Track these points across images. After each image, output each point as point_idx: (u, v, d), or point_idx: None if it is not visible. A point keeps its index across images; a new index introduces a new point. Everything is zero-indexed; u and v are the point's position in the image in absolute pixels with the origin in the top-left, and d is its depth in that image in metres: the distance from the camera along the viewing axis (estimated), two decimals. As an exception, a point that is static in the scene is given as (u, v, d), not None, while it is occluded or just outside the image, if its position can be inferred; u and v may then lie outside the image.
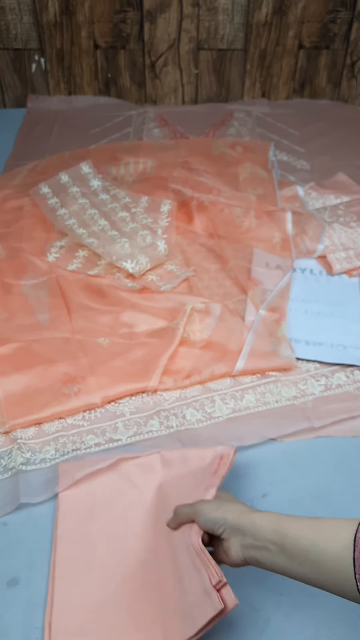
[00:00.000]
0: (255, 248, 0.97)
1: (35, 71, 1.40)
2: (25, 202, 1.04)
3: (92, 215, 0.98)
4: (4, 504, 0.65)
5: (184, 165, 1.12)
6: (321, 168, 1.21)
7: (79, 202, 1.01)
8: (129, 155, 1.16)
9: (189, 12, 1.32)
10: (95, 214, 0.99)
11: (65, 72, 1.41)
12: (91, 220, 0.97)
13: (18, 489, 0.65)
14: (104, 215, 0.99)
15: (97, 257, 0.93)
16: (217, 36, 1.36)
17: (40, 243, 0.96)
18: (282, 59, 1.39)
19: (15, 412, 0.69)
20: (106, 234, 0.94)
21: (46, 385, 0.72)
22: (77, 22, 1.33)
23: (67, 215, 0.98)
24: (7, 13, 1.31)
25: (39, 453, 0.68)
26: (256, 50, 1.38)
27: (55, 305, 0.84)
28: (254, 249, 0.96)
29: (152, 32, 1.34)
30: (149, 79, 1.42)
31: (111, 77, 1.42)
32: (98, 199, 1.03)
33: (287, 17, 1.32)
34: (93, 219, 0.98)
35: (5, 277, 0.89)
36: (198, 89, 1.44)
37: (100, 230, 0.95)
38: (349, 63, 1.41)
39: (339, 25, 1.34)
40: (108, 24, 1.33)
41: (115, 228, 0.96)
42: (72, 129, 1.35)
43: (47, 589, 0.59)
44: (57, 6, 1.30)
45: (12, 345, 0.77)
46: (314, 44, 1.37)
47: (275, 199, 1.04)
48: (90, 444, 0.69)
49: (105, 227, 0.96)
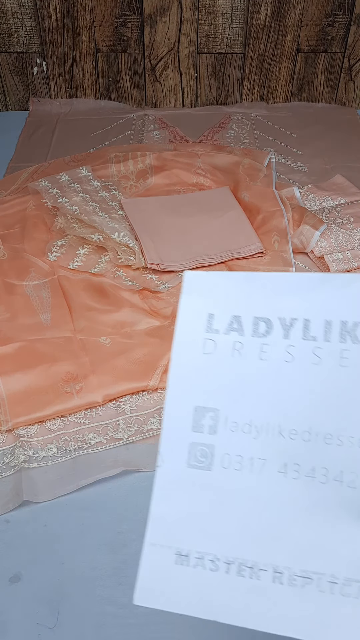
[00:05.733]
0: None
1: (36, 74, 1.41)
2: (27, 204, 1.05)
3: (94, 208, 1.00)
4: (6, 501, 0.66)
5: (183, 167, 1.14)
6: (319, 170, 1.23)
7: (80, 195, 1.02)
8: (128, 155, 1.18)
9: (188, 16, 1.33)
10: (96, 207, 1.00)
11: (67, 76, 1.42)
12: (93, 211, 0.99)
13: (21, 487, 0.66)
14: (104, 210, 1.00)
15: (98, 256, 0.94)
16: (216, 40, 1.37)
17: (42, 243, 0.97)
18: (281, 63, 1.41)
19: (17, 411, 0.70)
20: (108, 225, 0.96)
21: (48, 384, 0.73)
22: (78, 26, 1.34)
23: (68, 204, 0.99)
24: (9, 17, 1.33)
25: (41, 451, 0.69)
26: (255, 53, 1.39)
27: (57, 305, 0.85)
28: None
29: (152, 36, 1.35)
30: (149, 83, 1.43)
31: (112, 80, 1.43)
32: (98, 195, 1.04)
33: (285, 20, 1.34)
34: (94, 210, 0.99)
35: (7, 277, 0.90)
36: (197, 92, 1.45)
37: (102, 219, 0.97)
38: (347, 66, 1.42)
39: (336, 29, 1.36)
40: (109, 28, 1.34)
41: (115, 222, 0.97)
42: (73, 132, 1.36)
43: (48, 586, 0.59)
44: (58, 10, 1.31)
45: (15, 345, 0.78)
46: (312, 47, 1.39)
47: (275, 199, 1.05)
48: (92, 443, 0.70)
49: (106, 219, 0.97)
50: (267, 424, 0.41)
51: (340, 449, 0.39)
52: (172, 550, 0.40)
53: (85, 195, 1.03)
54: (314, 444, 0.40)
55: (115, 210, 1.02)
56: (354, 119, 1.44)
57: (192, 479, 0.41)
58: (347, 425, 0.40)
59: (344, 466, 0.39)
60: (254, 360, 0.42)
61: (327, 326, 0.42)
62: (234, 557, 0.39)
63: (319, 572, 0.38)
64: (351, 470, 0.39)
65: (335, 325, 0.42)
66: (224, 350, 0.43)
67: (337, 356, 0.41)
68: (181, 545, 0.40)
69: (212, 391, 0.42)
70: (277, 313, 0.43)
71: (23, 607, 0.58)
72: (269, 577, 0.39)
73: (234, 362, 0.43)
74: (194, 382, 0.43)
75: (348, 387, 0.40)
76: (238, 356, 0.43)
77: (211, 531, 0.40)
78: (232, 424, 0.41)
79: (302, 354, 0.41)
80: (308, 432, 0.40)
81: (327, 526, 0.39)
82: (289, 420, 0.41)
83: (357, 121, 1.43)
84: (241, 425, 0.41)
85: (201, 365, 0.43)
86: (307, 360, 0.41)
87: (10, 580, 0.60)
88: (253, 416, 0.41)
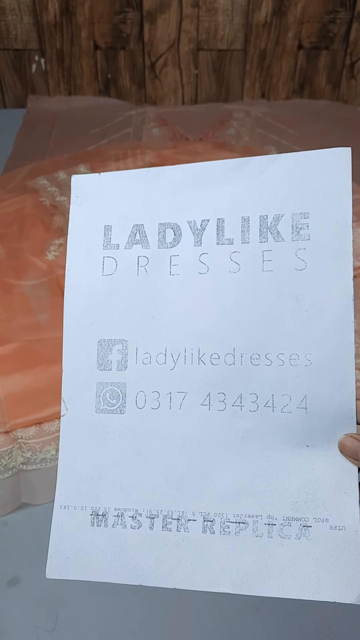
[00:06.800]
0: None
1: (35, 72, 1.40)
2: (25, 203, 1.04)
3: None
4: (4, 504, 0.65)
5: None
6: (321, 168, 1.22)
7: None
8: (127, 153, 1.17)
9: (188, 13, 1.32)
10: None
11: (65, 73, 1.41)
12: None
13: (19, 489, 0.66)
14: None
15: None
16: (216, 37, 1.36)
17: (40, 242, 0.96)
18: (282, 60, 1.40)
19: (15, 412, 0.70)
20: None
21: (47, 385, 0.72)
22: (77, 23, 1.33)
23: (66, 202, 0.99)
24: (7, 13, 1.31)
25: (39, 453, 0.68)
26: (256, 50, 1.38)
27: (55, 304, 0.84)
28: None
29: (152, 32, 1.34)
30: (148, 80, 1.42)
31: (111, 77, 1.42)
32: None
33: (286, 17, 1.33)
34: None
35: (5, 277, 0.89)
36: (198, 89, 1.44)
37: None
38: (349, 63, 1.41)
39: (338, 26, 1.35)
40: (108, 25, 1.33)
41: None
42: (72, 130, 1.35)
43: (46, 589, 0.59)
44: (57, 7, 1.30)
45: (13, 345, 0.77)
46: (314, 44, 1.38)
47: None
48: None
49: None
50: (184, 351, 0.35)
51: (269, 370, 0.34)
52: (86, 510, 0.35)
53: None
54: (240, 367, 0.34)
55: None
56: (356, 116, 1.43)
57: (103, 426, 0.35)
58: (275, 340, 0.34)
59: (275, 389, 0.34)
60: (164, 277, 0.36)
61: (244, 224, 0.35)
62: (158, 510, 0.34)
63: (254, 514, 0.33)
64: (283, 393, 0.34)
65: (253, 222, 0.35)
66: (127, 269, 0.36)
67: (259, 260, 0.34)
68: (96, 503, 0.35)
69: (117, 319, 0.36)
70: (184, 216, 0.36)
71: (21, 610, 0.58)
72: (198, 528, 0.34)
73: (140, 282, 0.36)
74: (95, 311, 0.36)
75: (273, 296, 0.34)
76: (144, 274, 0.36)
77: (129, 483, 0.35)
78: (143, 355, 0.35)
79: (218, 262, 0.35)
80: (232, 355, 0.34)
81: (261, 461, 0.34)
82: (208, 343, 0.35)
83: (358, 119, 1.42)
84: (154, 355, 0.35)
85: (101, 289, 0.36)
86: (224, 268, 0.35)
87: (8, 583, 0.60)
88: (168, 344, 0.35)
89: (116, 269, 0.36)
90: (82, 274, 0.36)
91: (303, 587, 0.32)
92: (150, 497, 0.35)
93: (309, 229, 0.34)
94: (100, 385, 0.36)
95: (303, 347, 0.34)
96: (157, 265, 0.36)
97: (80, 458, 0.35)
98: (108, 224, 0.37)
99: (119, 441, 0.35)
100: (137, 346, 0.35)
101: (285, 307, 0.34)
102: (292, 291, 0.34)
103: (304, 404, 0.33)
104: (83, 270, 0.36)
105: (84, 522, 0.35)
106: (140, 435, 0.35)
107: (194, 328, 0.35)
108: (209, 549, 0.34)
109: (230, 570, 0.33)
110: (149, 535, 0.34)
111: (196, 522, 0.34)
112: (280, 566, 0.33)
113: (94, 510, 0.35)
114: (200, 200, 0.36)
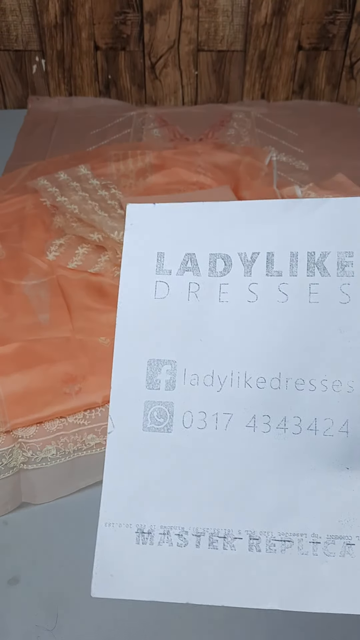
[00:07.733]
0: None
1: (35, 72, 1.41)
2: (26, 203, 1.04)
3: (93, 206, 0.99)
4: (4, 503, 0.65)
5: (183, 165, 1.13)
6: (320, 169, 1.22)
7: (79, 194, 1.02)
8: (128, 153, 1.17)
9: (188, 14, 1.32)
10: (95, 206, 1.00)
11: (66, 74, 1.41)
12: (92, 210, 0.98)
13: (19, 488, 0.66)
14: (103, 209, 1.00)
15: (98, 255, 0.94)
16: (216, 37, 1.36)
17: (40, 242, 0.96)
18: (282, 61, 1.40)
19: (16, 411, 0.70)
20: (107, 224, 0.95)
21: (47, 385, 0.73)
22: (77, 24, 1.33)
23: (67, 202, 0.99)
24: (7, 14, 1.32)
25: (39, 452, 0.68)
26: (255, 51, 1.38)
27: (55, 304, 0.85)
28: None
29: (152, 33, 1.35)
30: (149, 80, 1.42)
31: (111, 78, 1.42)
32: (97, 194, 1.04)
33: (286, 18, 1.33)
34: (94, 209, 0.99)
35: (5, 277, 0.89)
36: (198, 90, 1.44)
37: (101, 218, 0.96)
38: (348, 64, 1.41)
39: (338, 27, 1.35)
40: (108, 26, 1.34)
41: (115, 221, 0.97)
42: (72, 130, 1.35)
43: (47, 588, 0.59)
44: (57, 7, 1.31)
45: (13, 345, 0.77)
46: (313, 45, 1.38)
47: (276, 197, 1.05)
48: (92, 444, 0.70)
49: (106, 218, 0.97)
50: (231, 374, 0.36)
51: (313, 395, 0.35)
52: (131, 528, 0.35)
53: (85, 194, 1.02)
54: (285, 391, 0.36)
55: (115, 209, 1.01)
56: (356, 117, 1.43)
57: (149, 444, 0.36)
58: (319, 367, 0.36)
59: (318, 413, 0.35)
60: (213, 303, 0.37)
61: (292, 259, 0.37)
62: (204, 528, 0.35)
63: (299, 532, 0.34)
64: (325, 417, 0.35)
65: (301, 258, 0.37)
66: (178, 293, 0.38)
67: (306, 292, 0.37)
68: (142, 521, 0.35)
69: (167, 341, 0.37)
70: (236, 248, 0.38)
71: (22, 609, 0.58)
72: (244, 546, 0.35)
73: (191, 306, 0.37)
74: (146, 331, 0.38)
75: (318, 326, 0.36)
76: (194, 299, 0.38)
77: (176, 501, 0.35)
78: (191, 376, 0.37)
79: (267, 291, 0.37)
80: (277, 379, 0.36)
81: (304, 481, 0.35)
82: (255, 367, 0.36)
83: (358, 120, 1.42)
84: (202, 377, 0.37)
85: (153, 312, 0.38)
86: (272, 298, 0.37)
87: (9, 582, 0.60)
88: (215, 366, 0.36)
89: (168, 293, 0.38)
90: (135, 297, 0.38)
91: (348, 601, 0.33)
92: (196, 516, 0.35)
93: (353, 266, 0.36)
94: (149, 404, 0.37)
95: (345, 375, 0.35)
96: (207, 291, 0.38)
97: (125, 475, 0.36)
98: (161, 250, 0.38)
99: (165, 459, 0.36)
100: (185, 367, 0.37)
101: (329, 337, 0.36)
102: (337, 322, 0.36)
103: (345, 427, 0.35)
104: (136, 293, 0.38)
105: (129, 540, 0.35)
106: (187, 454, 0.36)
107: (241, 352, 0.37)
108: (255, 566, 0.34)
109: (278, 587, 0.34)
110: (196, 553, 0.35)
111: (242, 540, 0.35)
112: (326, 583, 0.34)
113: (139, 528, 0.35)
114: (251, 235, 0.38)
